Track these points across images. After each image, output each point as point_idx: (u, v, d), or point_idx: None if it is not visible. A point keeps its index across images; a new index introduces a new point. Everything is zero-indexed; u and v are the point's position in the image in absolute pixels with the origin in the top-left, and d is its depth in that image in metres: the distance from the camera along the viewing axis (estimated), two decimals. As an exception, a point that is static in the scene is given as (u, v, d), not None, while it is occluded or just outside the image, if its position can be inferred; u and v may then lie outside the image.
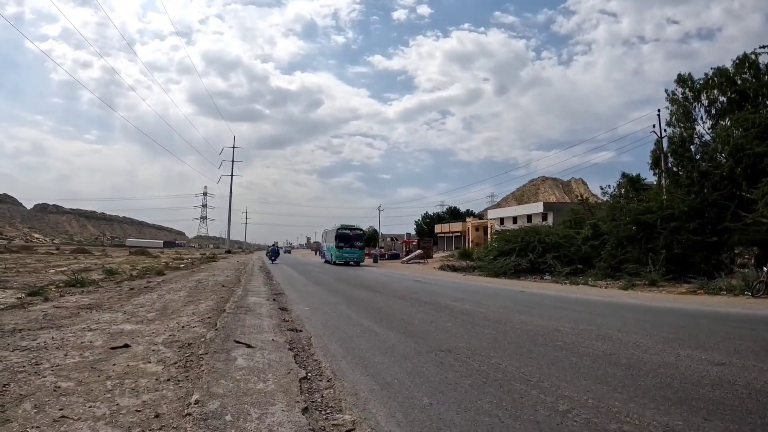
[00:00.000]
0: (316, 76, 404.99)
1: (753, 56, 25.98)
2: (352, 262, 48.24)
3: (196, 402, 4.45)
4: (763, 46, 17.95)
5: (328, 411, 4.55)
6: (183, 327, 8.63)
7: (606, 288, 21.44)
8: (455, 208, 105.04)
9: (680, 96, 30.46)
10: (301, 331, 8.94)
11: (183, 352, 6.62)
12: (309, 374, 5.85)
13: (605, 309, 13.30)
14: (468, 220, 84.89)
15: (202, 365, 5.88)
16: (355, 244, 49.16)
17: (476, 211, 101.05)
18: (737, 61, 27.29)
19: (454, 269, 38.55)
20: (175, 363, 6.03)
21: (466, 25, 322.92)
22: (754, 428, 4.11)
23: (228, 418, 4.13)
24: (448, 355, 6.94)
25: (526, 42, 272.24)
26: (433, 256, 63.03)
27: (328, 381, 5.61)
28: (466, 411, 4.53)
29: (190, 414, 4.15)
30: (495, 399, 4.90)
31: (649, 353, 7.20)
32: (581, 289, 21.43)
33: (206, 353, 6.52)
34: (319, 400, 4.88)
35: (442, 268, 40.25)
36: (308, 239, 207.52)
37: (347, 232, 49.29)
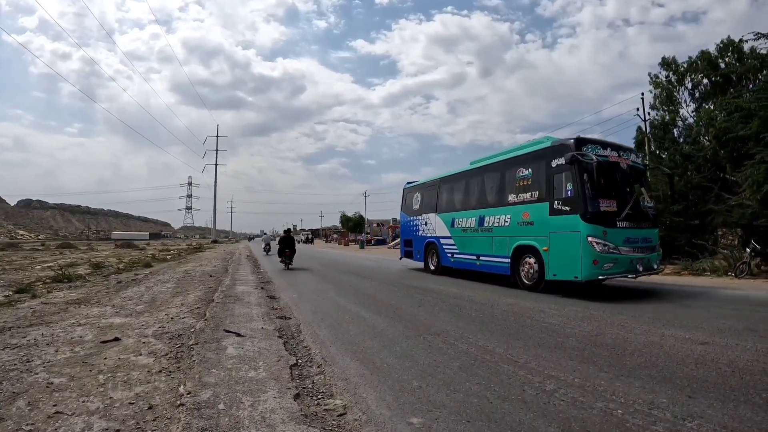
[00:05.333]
0: (299, 62, 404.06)
1: (738, 41, 26.21)
2: (640, 267, 11.83)
3: (189, 392, 4.50)
4: (755, 33, 18.18)
5: (319, 396, 4.61)
6: (172, 318, 8.65)
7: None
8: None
9: (664, 79, 30.73)
10: (290, 318, 9.00)
11: (173, 343, 6.65)
12: (299, 361, 5.92)
13: (591, 290, 13.43)
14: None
15: (193, 355, 5.92)
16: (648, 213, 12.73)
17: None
18: (721, 45, 27.56)
19: None
20: (166, 354, 6.07)
21: (449, 8, 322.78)
22: (737, 405, 4.23)
23: (221, 406, 4.18)
24: (436, 339, 7.06)
25: (510, 25, 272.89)
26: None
27: (318, 367, 5.67)
28: (456, 392, 4.63)
29: (183, 404, 4.20)
30: (483, 380, 5.02)
31: (634, 333, 7.35)
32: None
33: (197, 343, 6.56)
34: (310, 386, 4.94)
35: None
36: (294, 226, 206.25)
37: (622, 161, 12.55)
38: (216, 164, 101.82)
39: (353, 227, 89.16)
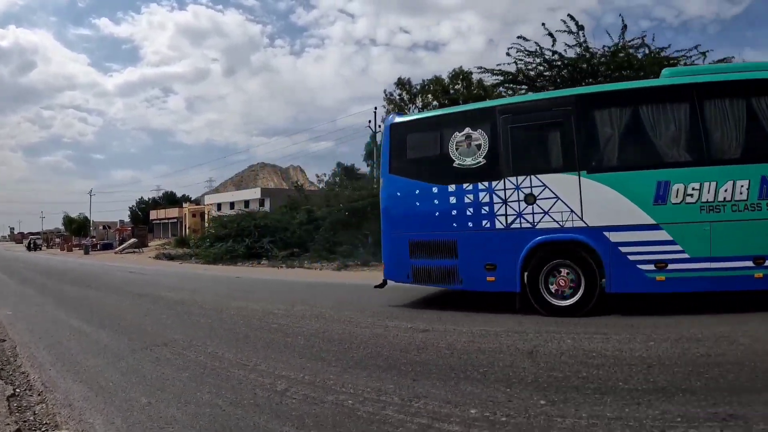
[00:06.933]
0: (33, 33, 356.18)
1: (467, 71, 29.84)
2: None
3: None
4: (480, 67, 20.69)
5: (42, 428, 4.29)
6: None
7: (321, 270, 22.37)
8: (172, 193, 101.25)
9: (397, 97, 34.16)
10: (4, 340, 8.09)
11: None
12: (17, 390, 5.39)
13: (319, 289, 14.17)
14: (185, 205, 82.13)
15: None
16: None
17: (194, 196, 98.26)
18: (453, 74, 31.40)
19: (171, 257, 36.63)
20: None
21: (204, 0, 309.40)
22: (458, 382, 4.83)
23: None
24: (164, 349, 6.91)
25: (262, 27, 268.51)
26: (149, 244, 60.10)
27: (39, 395, 5.22)
28: (187, 405, 4.59)
29: None
30: (214, 388, 5.02)
31: (359, 327, 7.90)
32: (297, 272, 22.13)
33: None
34: (31, 418, 4.55)
35: (158, 257, 38.25)
36: (12, 229, 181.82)
37: None
38: None
39: (77, 230, 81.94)
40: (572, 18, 17.91)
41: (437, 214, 9.08)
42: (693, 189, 7.47)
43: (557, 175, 8.25)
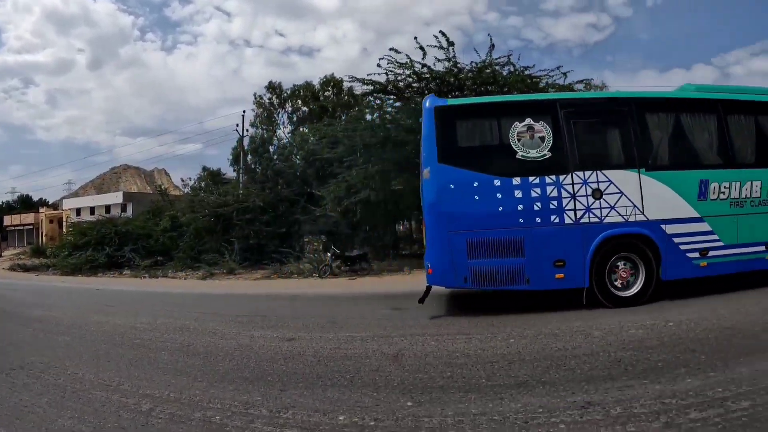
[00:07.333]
0: None
1: (339, 79, 30.50)
2: None
3: None
4: (351, 77, 21.14)
5: None
6: None
7: (186, 279, 21.80)
8: (28, 196, 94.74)
9: (267, 101, 34.18)
10: None
11: None
12: None
13: (184, 300, 13.82)
14: (42, 210, 77.45)
15: None
16: None
17: (52, 200, 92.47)
18: (324, 80, 32.04)
19: (27, 269, 33.78)
20: None
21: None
22: (325, 389, 4.85)
23: None
24: (20, 373, 6.31)
25: (134, 19, 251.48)
26: (3, 253, 55.67)
27: None
28: (46, 433, 4.24)
29: None
30: (76, 413, 4.66)
31: (225, 339, 7.70)
32: (161, 282, 21.44)
33: None
34: None
35: (12, 267, 34.89)
36: None
37: None
38: None
39: None
40: (443, 34, 18.96)
41: (501, 209, 8.41)
42: (725, 187, 8.66)
43: (621, 171, 8.52)
